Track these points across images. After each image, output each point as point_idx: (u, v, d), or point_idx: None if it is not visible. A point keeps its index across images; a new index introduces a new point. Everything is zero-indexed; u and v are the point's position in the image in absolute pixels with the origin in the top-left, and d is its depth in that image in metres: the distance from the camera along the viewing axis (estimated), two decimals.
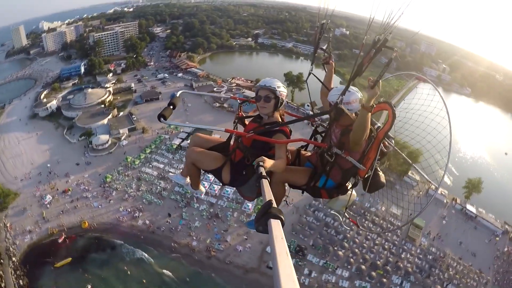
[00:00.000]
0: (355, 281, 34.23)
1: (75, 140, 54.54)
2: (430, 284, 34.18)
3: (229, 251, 36.18)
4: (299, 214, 41.17)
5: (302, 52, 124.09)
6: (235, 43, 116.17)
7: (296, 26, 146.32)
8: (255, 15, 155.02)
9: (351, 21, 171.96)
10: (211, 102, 69.94)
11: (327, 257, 36.32)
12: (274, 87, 3.39)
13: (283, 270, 0.98)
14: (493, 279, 35.74)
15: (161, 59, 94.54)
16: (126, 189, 43.57)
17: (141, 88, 74.89)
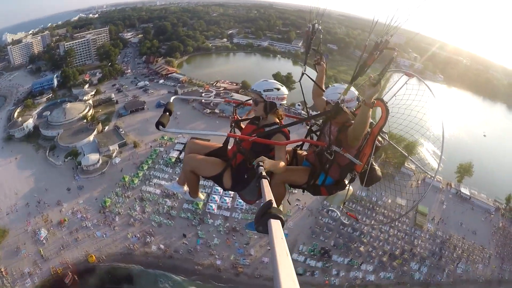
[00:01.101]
0: (380, 273, 34.81)
1: (60, 162, 48.20)
2: (443, 265, 35.91)
3: (256, 264, 34.44)
4: (315, 217, 40.72)
5: (279, 50, 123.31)
6: (211, 45, 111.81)
7: (268, 24, 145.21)
8: (225, 14, 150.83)
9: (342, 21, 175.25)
10: (200, 109, 66.49)
11: (350, 255, 36.35)
12: (259, 91, 3.39)
13: (283, 270, 0.97)
14: (494, 252, 38.35)
15: (138, 66, 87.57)
16: (130, 213, 39.39)
17: (123, 98, 68.70)
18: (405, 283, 34.03)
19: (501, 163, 54.97)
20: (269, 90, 3.41)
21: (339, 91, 3.53)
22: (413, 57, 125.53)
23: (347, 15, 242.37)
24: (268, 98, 3.41)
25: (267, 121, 3.54)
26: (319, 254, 36.16)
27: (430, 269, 35.22)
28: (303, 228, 39.26)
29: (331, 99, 3.60)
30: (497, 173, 49.75)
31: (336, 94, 3.52)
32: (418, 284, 34.09)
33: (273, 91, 3.41)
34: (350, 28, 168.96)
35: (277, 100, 3.45)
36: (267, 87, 3.42)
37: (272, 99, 3.42)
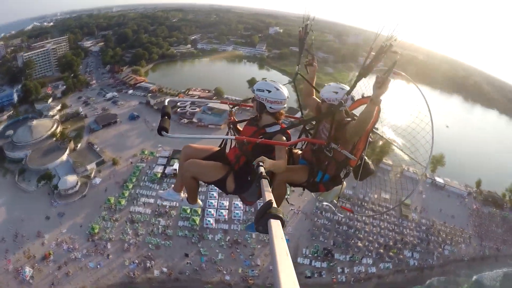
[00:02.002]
0: (380, 265, 36.65)
1: (33, 188, 42.67)
2: (432, 249, 39.09)
3: (265, 274, 33.97)
4: (310, 219, 41.48)
5: (244, 54, 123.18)
6: (176, 51, 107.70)
7: (229, 29, 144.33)
8: (185, 20, 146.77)
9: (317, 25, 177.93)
10: (177, 119, 63.86)
11: (350, 251, 37.73)
12: (253, 89, 3.42)
13: (283, 270, 0.97)
14: (473, 232, 42.54)
15: (103, 76, 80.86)
16: (123, 237, 36.23)
17: (91, 112, 62.97)
18: (402, 270, 36.41)
19: (466, 152, 60.69)
20: (260, 90, 3.37)
21: (335, 90, 3.66)
22: (371, 56, 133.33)
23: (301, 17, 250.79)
24: (258, 98, 3.39)
25: (265, 121, 3.50)
26: (322, 254, 36.99)
27: (421, 255, 38.11)
28: (302, 231, 39.80)
29: (327, 98, 3.69)
30: (464, 161, 55.17)
31: (332, 93, 3.65)
32: (413, 269, 36.73)
33: (263, 92, 3.36)
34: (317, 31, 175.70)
35: (266, 102, 3.37)
36: (260, 87, 3.39)
37: (262, 99, 3.38)
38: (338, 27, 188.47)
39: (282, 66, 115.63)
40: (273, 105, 3.40)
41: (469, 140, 68.67)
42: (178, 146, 51.84)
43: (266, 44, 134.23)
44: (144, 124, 61.36)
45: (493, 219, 45.50)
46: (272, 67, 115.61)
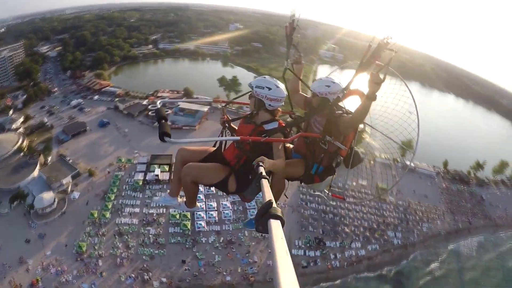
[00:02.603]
0: (368, 247, 39.16)
1: (6, 210, 38.40)
2: (412, 228, 42.73)
3: (264, 269, 34.58)
4: (297, 211, 42.86)
5: (207, 52, 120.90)
6: (137, 52, 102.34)
7: (190, 27, 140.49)
8: (144, 20, 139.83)
9: None
10: (149, 123, 61.45)
11: (339, 238, 39.78)
12: (252, 85, 3.43)
13: (283, 270, 0.97)
14: (445, 209, 47.03)
15: (64, 83, 74.22)
16: (114, 252, 34.40)
17: (57, 122, 57.91)
18: (389, 249, 39.39)
19: (430, 134, 65.31)
20: (259, 87, 3.36)
21: (327, 84, 3.79)
22: (332, 49, 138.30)
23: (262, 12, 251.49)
24: (257, 95, 3.38)
25: (262, 118, 3.48)
26: (315, 244, 38.56)
27: (403, 233, 41.51)
28: (292, 224, 40.95)
29: (320, 92, 3.78)
30: (430, 144, 60.07)
31: (325, 87, 3.76)
32: (398, 247, 39.90)
33: (263, 89, 3.35)
34: (269, 25, 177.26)
35: (266, 99, 3.36)
36: (260, 84, 3.38)
37: (261, 97, 3.36)
38: None
39: (247, 62, 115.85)
40: (272, 103, 3.38)
41: (431, 124, 74.15)
42: (155, 151, 50.39)
43: (228, 41, 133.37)
44: (116, 131, 58.22)
45: (461, 195, 50.67)
46: (236, 64, 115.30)
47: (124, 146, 53.38)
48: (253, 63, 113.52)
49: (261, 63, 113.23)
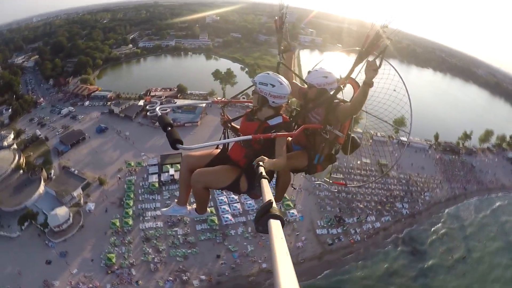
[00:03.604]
0: (381, 219, 40.52)
1: (17, 233, 34.30)
2: (416, 198, 44.71)
3: (294, 251, 34.50)
4: (313, 193, 43.05)
5: (189, 47, 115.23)
6: (119, 53, 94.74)
7: (166, 23, 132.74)
8: (117, 19, 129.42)
9: None
10: (149, 124, 57.83)
11: (355, 214, 40.66)
12: (256, 81, 3.26)
13: (283, 270, 0.93)
14: (442, 178, 49.45)
15: (49, 92, 66.68)
16: (145, 258, 32.39)
17: (51, 133, 52.31)
18: (400, 219, 41.05)
19: (417, 110, 68.37)
20: (263, 84, 3.19)
21: (324, 75, 3.68)
22: (309, 33, 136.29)
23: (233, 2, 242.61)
24: (260, 92, 3.20)
25: (266, 113, 3.30)
26: (335, 222, 39.18)
27: (409, 204, 43.36)
28: (311, 206, 41.20)
29: (318, 83, 3.68)
30: (418, 119, 62.57)
31: (322, 78, 3.67)
32: (407, 216, 41.68)
33: (266, 86, 3.17)
34: (243, 14, 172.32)
35: (269, 96, 3.18)
36: (263, 80, 3.20)
37: (264, 93, 3.19)
38: (268, 8, 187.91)
39: (230, 53, 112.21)
40: (276, 100, 3.22)
41: (416, 99, 76.90)
42: (162, 151, 47.64)
43: (207, 33, 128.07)
44: (116, 135, 54.11)
45: (454, 164, 53.46)
46: (220, 56, 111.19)
47: (128, 150, 49.86)
48: (236, 53, 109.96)
49: (244, 52, 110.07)
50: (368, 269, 34.96)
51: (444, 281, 34.71)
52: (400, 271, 35.20)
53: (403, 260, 36.56)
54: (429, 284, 34.22)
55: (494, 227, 42.59)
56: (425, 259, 36.98)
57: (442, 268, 36.27)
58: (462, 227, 42.15)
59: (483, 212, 44.88)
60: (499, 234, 41.54)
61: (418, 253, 37.56)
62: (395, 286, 33.53)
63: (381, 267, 35.36)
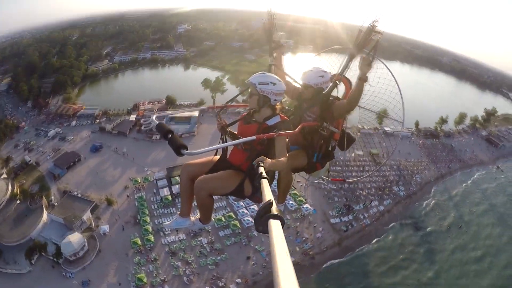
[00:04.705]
0: (384, 202, 43.01)
1: (27, 268, 30.41)
2: (409, 180, 48.09)
3: (316, 242, 35.62)
4: (319, 187, 44.26)
5: (165, 58, 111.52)
6: (95, 69, 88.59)
7: (138, 35, 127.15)
8: (86, 35, 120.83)
9: None
10: (145, 138, 55.18)
11: (360, 201, 42.62)
12: (254, 83, 3.09)
13: (283, 270, 0.90)
14: (428, 160, 53.42)
15: (30, 115, 59.95)
16: (176, 272, 30.83)
17: (42, 157, 47.18)
18: (399, 201, 43.95)
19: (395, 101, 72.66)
20: (263, 84, 3.06)
21: (320, 74, 3.65)
22: (280, 36, 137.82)
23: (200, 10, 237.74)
24: (261, 92, 3.07)
25: (264, 114, 3.17)
26: (345, 210, 40.77)
27: (404, 186, 46.57)
28: (320, 199, 42.33)
29: (315, 83, 3.62)
30: (399, 109, 67.03)
31: (319, 77, 3.62)
32: (405, 198, 44.80)
33: (268, 85, 3.06)
34: (214, 21, 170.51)
35: (272, 95, 3.08)
36: (263, 80, 3.08)
37: (266, 93, 3.07)
38: (235, 14, 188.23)
39: (208, 62, 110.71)
40: (277, 97, 3.12)
41: (392, 92, 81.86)
42: (165, 164, 45.91)
43: (182, 43, 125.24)
44: (113, 153, 50.61)
45: (436, 147, 58.03)
46: (198, 65, 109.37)
47: (130, 167, 46.91)
48: (214, 61, 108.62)
49: (221, 60, 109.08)
50: (381, 245, 37.52)
51: (443, 244, 38.55)
52: (406, 241, 38.33)
53: (407, 232, 39.66)
54: (432, 248, 37.82)
55: (478, 194, 47.99)
56: (425, 229, 40.50)
57: (440, 233, 40.15)
58: (450, 198, 46.72)
59: (465, 183, 50.23)
60: (482, 199, 47.01)
61: (419, 225, 40.88)
62: (405, 253, 36.67)
63: (390, 241, 38.14)
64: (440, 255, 36.85)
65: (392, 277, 33.66)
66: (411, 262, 35.58)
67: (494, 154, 61.26)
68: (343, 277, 32.75)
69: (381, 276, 33.74)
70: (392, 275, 33.89)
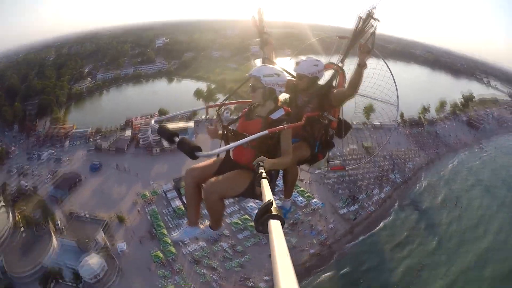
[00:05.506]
0: (384, 190, 45.40)
1: None
2: (402, 167, 51.13)
3: (330, 233, 37.16)
4: (322, 183, 45.57)
5: (148, 72, 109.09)
6: (79, 88, 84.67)
7: (116, 51, 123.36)
8: (64, 55, 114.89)
9: None
10: (144, 152, 53.83)
11: (362, 191, 44.66)
12: (259, 76, 2.88)
13: (283, 270, 0.88)
14: (417, 148, 56.76)
15: (18, 139, 55.65)
16: (203, 280, 30.43)
17: (38, 181, 44.22)
18: (398, 186, 46.71)
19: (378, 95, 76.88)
20: (269, 76, 2.91)
21: (314, 63, 3.58)
22: (256, 42, 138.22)
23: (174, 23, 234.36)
24: (267, 84, 2.91)
25: (268, 108, 3.00)
26: (351, 200, 42.51)
27: (399, 173, 49.49)
28: (326, 193, 43.76)
29: (310, 72, 3.55)
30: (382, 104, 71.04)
31: (314, 67, 3.55)
32: (401, 184, 47.60)
33: (273, 76, 2.92)
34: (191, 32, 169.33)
35: (277, 86, 2.95)
36: (267, 72, 2.93)
37: (272, 85, 2.92)
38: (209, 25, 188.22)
39: (192, 73, 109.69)
40: (281, 88, 3.01)
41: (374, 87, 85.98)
42: (170, 175, 45.23)
43: (162, 57, 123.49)
44: (115, 170, 48.80)
45: (422, 135, 61.49)
46: (182, 77, 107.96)
47: (135, 182, 45.44)
48: (198, 72, 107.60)
49: (205, 70, 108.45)
50: (387, 226, 40.03)
51: (441, 218, 41.99)
52: (408, 220, 41.34)
53: (408, 212, 42.64)
54: (431, 223, 41.12)
55: (464, 172, 52.52)
56: (422, 207, 43.69)
57: (436, 209, 43.56)
58: (440, 178, 50.66)
59: (452, 164, 54.73)
60: (469, 175, 51.48)
61: (417, 205, 43.95)
62: (408, 231, 39.48)
63: (394, 222, 40.81)
64: (439, 228, 40.16)
65: (400, 252, 36.34)
66: (415, 237, 38.47)
67: (476, 136, 66.39)
68: (359, 257, 34.60)
69: (391, 252, 36.25)
70: (400, 250, 36.59)
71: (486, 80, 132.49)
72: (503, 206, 44.43)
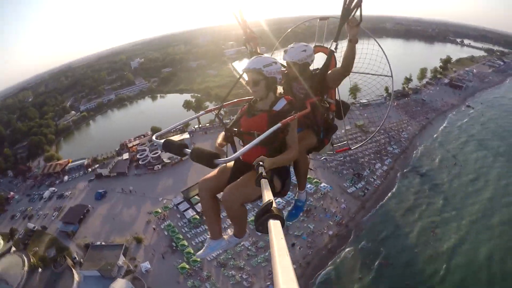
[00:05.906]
0: (385, 162, 46.99)
1: None
2: (398, 139, 52.81)
3: (343, 212, 38.14)
4: (326, 167, 46.78)
5: (130, 94, 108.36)
6: (65, 123, 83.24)
7: (94, 80, 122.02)
8: (42, 93, 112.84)
9: None
10: (146, 171, 53.61)
11: (366, 168, 46.07)
12: (259, 67, 2.72)
13: (283, 270, 0.87)
14: (407, 118, 58.74)
15: (14, 183, 54.11)
16: (233, 281, 30.62)
17: (45, 220, 43.08)
18: (397, 158, 48.39)
19: None
20: (268, 65, 2.73)
21: (302, 49, 3.44)
22: (230, 45, 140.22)
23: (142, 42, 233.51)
24: (269, 74, 2.73)
25: (270, 99, 2.84)
26: (357, 178, 43.77)
27: (396, 144, 51.30)
28: (332, 176, 44.73)
29: (300, 59, 3.42)
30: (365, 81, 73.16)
31: (302, 52, 3.41)
32: (400, 153, 49.43)
33: (272, 65, 2.75)
34: (163, 47, 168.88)
35: (278, 74, 2.79)
36: (266, 62, 2.74)
37: (273, 74, 2.75)
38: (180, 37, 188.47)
39: (174, 87, 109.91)
40: (280, 76, 2.89)
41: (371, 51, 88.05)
42: (176, 189, 45.45)
43: (141, 77, 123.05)
44: (121, 194, 48.34)
45: (409, 104, 63.79)
46: (165, 93, 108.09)
47: (143, 202, 45.20)
48: (179, 85, 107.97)
49: (186, 82, 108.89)
50: (394, 195, 41.48)
51: (442, 178, 44.05)
52: (412, 186, 42.97)
53: (411, 179, 44.30)
54: (434, 184, 43.00)
55: (456, 131, 55.01)
56: (423, 171, 45.59)
57: (436, 170, 45.68)
58: (434, 140, 53.03)
59: (443, 126, 57.18)
60: (461, 133, 54.20)
61: (418, 170, 45.88)
62: (415, 195, 41.21)
63: (401, 190, 42.41)
64: (443, 187, 42.02)
65: (412, 215, 37.83)
66: (422, 200, 40.19)
67: (461, 95, 69.35)
68: (375, 229, 35.75)
69: (403, 217, 37.63)
70: (411, 214, 38.06)
71: (459, 40, 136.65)
72: (498, 155, 46.93)
